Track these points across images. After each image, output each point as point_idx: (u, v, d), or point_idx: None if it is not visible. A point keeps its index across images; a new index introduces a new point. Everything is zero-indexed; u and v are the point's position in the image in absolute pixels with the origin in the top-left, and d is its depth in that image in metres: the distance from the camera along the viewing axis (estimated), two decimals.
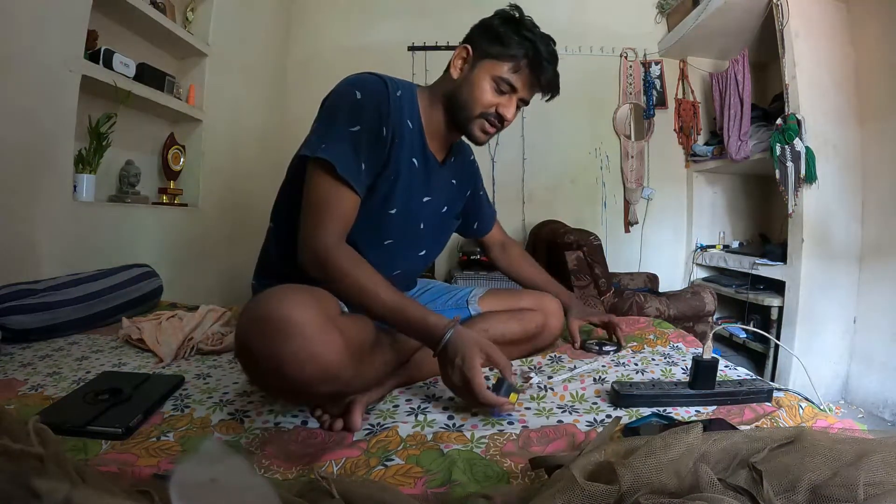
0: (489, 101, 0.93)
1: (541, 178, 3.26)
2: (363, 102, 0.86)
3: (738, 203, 3.30)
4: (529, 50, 0.91)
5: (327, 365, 0.67)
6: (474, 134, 0.96)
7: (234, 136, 2.54)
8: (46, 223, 1.48)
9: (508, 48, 0.91)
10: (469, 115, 0.94)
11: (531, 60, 0.92)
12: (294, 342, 0.65)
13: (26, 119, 1.41)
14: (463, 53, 0.95)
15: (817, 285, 2.24)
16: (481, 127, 0.95)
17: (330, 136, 0.85)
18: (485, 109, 0.93)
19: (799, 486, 0.46)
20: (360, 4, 3.26)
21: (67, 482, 0.34)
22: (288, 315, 0.65)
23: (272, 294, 0.69)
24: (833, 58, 2.29)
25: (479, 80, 0.92)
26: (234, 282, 2.49)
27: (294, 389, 0.70)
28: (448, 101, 0.96)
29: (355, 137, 0.85)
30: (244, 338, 0.68)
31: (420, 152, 0.97)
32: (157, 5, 1.95)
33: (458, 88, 0.94)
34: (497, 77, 0.92)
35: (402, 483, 0.62)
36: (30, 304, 1.15)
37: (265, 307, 0.67)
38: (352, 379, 0.74)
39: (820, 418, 0.78)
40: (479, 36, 0.94)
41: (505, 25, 0.92)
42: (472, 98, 0.93)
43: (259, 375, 0.72)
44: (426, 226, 1.03)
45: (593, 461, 0.49)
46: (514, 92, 0.94)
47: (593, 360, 1.09)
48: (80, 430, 0.71)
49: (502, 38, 0.91)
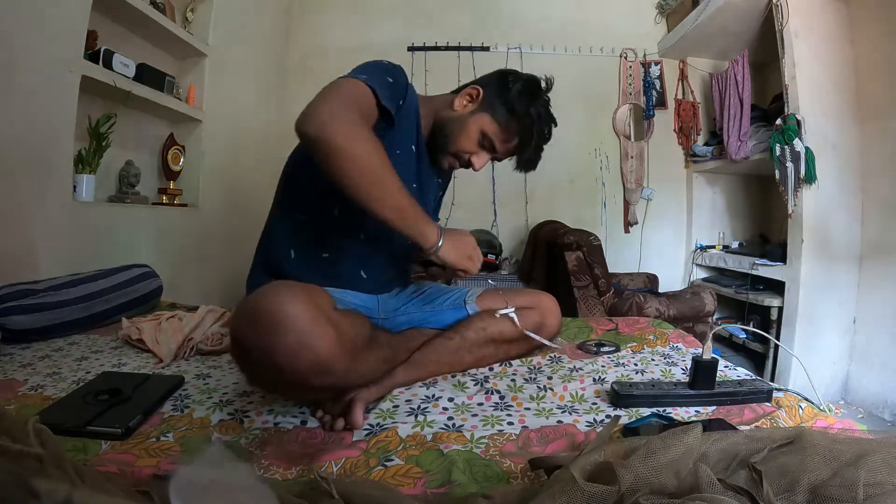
0: (469, 148, 1.00)
1: (541, 178, 3.24)
2: (395, 72, 0.93)
3: (737, 203, 3.30)
4: (527, 131, 0.98)
5: (319, 356, 0.67)
6: (440, 162, 1.03)
7: (234, 136, 2.54)
8: (46, 223, 1.48)
9: (511, 119, 0.97)
10: (445, 148, 1.01)
11: (521, 138, 0.99)
12: (285, 334, 0.65)
13: (26, 119, 1.41)
14: (474, 94, 1.00)
15: (817, 285, 2.24)
16: (450, 162, 1.03)
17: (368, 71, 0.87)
18: (460, 152, 1.00)
19: (799, 487, 0.46)
20: (360, 4, 3.26)
21: (67, 482, 0.34)
22: (279, 307, 0.66)
23: (264, 289, 0.70)
24: (833, 58, 2.29)
25: (471, 125, 0.98)
26: (234, 282, 2.48)
27: (287, 382, 0.70)
28: (437, 124, 1.02)
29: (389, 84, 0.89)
30: (237, 332, 0.69)
31: (416, 142, 1.02)
32: (157, 5, 1.95)
33: (450, 121, 1.00)
34: (486, 133, 0.98)
35: (401, 483, 0.62)
36: (30, 305, 1.15)
37: (256, 301, 0.68)
38: (346, 373, 0.74)
39: (820, 418, 0.78)
40: (495, 89, 0.99)
41: (521, 96, 0.97)
42: (456, 138, 0.99)
43: (253, 369, 0.72)
44: None
45: (593, 461, 0.49)
46: (493, 151, 1.01)
47: (592, 361, 1.09)
48: (80, 431, 0.70)
49: (512, 107, 0.97)
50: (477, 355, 1.02)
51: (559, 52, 3.19)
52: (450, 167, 1.05)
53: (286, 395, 0.83)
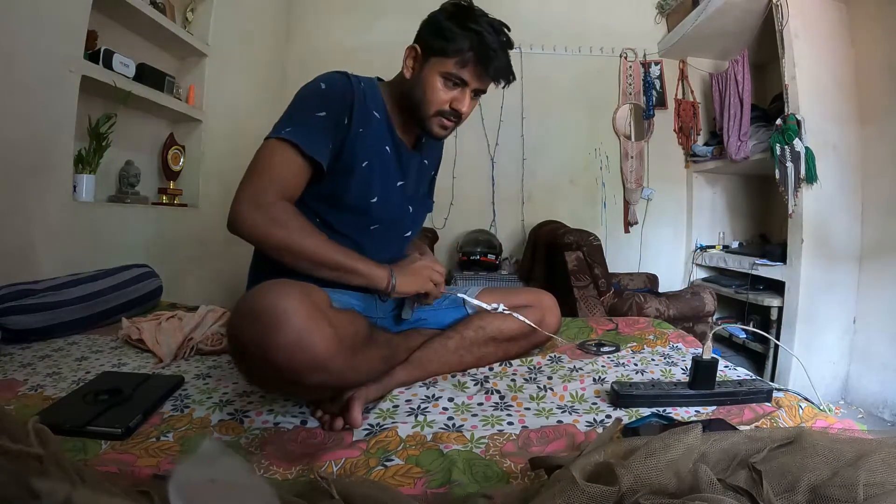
0: (442, 98, 0.94)
1: (540, 178, 3.26)
2: (327, 92, 0.91)
3: (737, 203, 3.30)
4: (474, 41, 0.91)
5: (316, 353, 0.67)
6: (433, 131, 0.98)
7: (234, 136, 2.54)
8: (46, 223, 1.48)
9: (452, 42, 0.91)
10: (425, 114, 0.96)
11: (478, 52, 0.92)
12: (282, 331, 0.65)
13: (26, 119, 1.41)
14: (412, 53, 0.96)
15: (817, 286, 2.24)
16: (439, 124, 0.97)
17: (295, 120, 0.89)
18: (439, 107, 0.95)
19: (799, 487, 0.46)
20: (360, 4, 3.26)
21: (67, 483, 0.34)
22: (275, 304, 0.66)
23: (260, 287, 0.71)
24: (833, 58, 2.29)
25: (429, 78, 0.94)
26: (234, 282, 2.48)
27: (284, 380, 0.70)
28: (404, 99, 0.99)
29: (321, 121, 0.89)
30: (234, 330, 0.69)
31: (390, 140, 1.00)
32: (157, 5, 1.95)
33: (412, 88, 0.96)
34: (445, 73, 0.93)
35: (401, 483, 0.62)
36: (29, 305, 1.15)
37: (253, 299, 0.68)
38: (344, 371, 0.74)
39: (820, 418, 0.79)
40: (426, 34, 0.95)
41: (449, 20, 0.92)
42: (426, 98, 0.95)
43: (250, 367, 0.72)
44: (413, 208, 1.08)
45: (593, 462, 0.49)
46: (465, 85, 0.94)
47: (592, 361, 1.09)
48: (80, 431, 0.70)
49: (445, 33, 0.92)
50: (477, 354, 1.02)
51: (559, 52, 3.19)
52: (443, 128, 0.98)
53: (284, 392, 0.83)
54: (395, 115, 1.01)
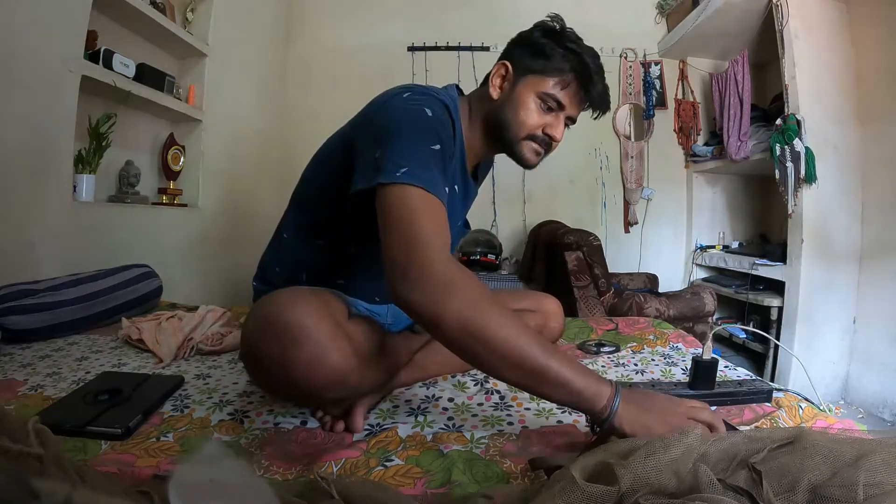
0: (536, 121, 0.85)
1: (541, 178, 3.25)
2: (436, 119, 0.76)
3: (737, 203, 3.30)
4: (576, 63, 0.84)
5: (337, 371, 0.66)
6: (525, 157, 0.88)
7: (234, 136, 2.54)
8: (46, 223, 1.48)
9: (553, 62, 0.84)
10: (516, 136, 0.86)
11: (579, 74, 0.84)
12: (305, 348, 0.64)
13: (26, 119, 1.41)
14: (502, 71, 0.88)
15: (817, 286, 2.24)
16: (531, 149, 0.88)
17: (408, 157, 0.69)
18: (532, 131, 0.86)
19: (798, 487, 0.46)
20: (360, 4, 3.26)
21: (67, 483, 0.34)
22: (299, 320, 0.65)
23: (281, 297, 0.69)
24: (833, 58, 2.29)
25: (523, 98, 0.85)
26: (234, 282, 2.49)
27: (301, 394, 0.70)
28: (490, 122, 0.88)
29: (437, 156, 0.73)
30: (252, 341, 0.67)
31: (461, 172, 0.90)
32: (156, 5, 1.95)
33: (501, 108, 0.86)
34: (543, 94, 0.84)
35: (401, 483, 0.61)
36: (29, 305, 1.15)
37: (275, 311, 0.66)
38: (358, 384, 0.73)
39: (820, 418, 0.78)
40: (520, 51, 0.87)
41: (547, 38, 0.85)
42: (518, 119, 0.85)
43: (266, 380, 0.71)
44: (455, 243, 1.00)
45: (593, 462, 0.49)
46: (561, 109, 0.86)
47: (592, 361, 1.09)
48: (80, 431, 0.70)
49: (546, 51, 0.84)
50: None
51: None
52: (535, 154, 0.89)
53: (294, 402, 0.82)
54: (468, 142, 0.90)
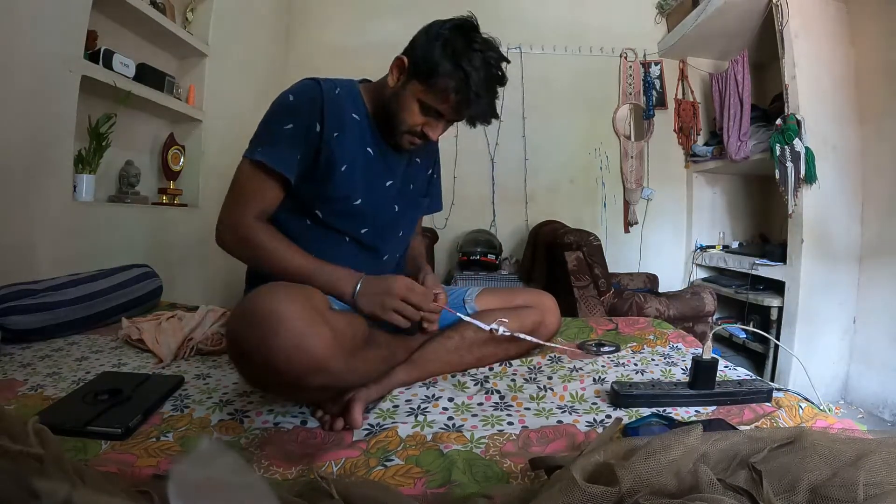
0: (415, 121, 0.94)
1: (541, 178, 3.26)
2: (295, 102, 0.94)
3: (737, 203, 3.30)
4: (461, 84, 0.87)
5: (315, 356, 0.68)
6: (401, 144, 0.99)
7: (234, 137, 2.53)
8: (46, 223, 1.48)
9: (438, 78, 0.88)
10: (395, 128, 0.96)
11: (460, 94, 0.88)
12: (280, 334, 0.66)
13: (26, 119, 1.41)
14: (400, 64, 0.94)
15: (817, 285, 2.24)
16: (408, 140, 0.98)
17: (264, 138, 0.93)
18: (411, 128, 0.95)
19: (799, 487, 0.46)
20: (360, 4, 3.26)
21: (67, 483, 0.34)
22: (275, 308, 0.67)
23: (260, 290, 0.71)
24: (833, 58, 2.29)
25: (407, 99, 0.93)
26: (234, 282, 2.48)
27: (284, 382, 0.70)
28: (382, 106, 0.98)
29: (288, 133, 0.92)
30: (233, 333, 0.70)
31: (372, 141, 1.00)
32: (156, 5, 1.95)
33: (390, 99, 0.95)
34: (424, 102, 0.92)
35: (401, 483, 0.62)
36: (29, 305, 1.15)
37: (252, 303, 0.69)
38: (343, 373, 0.74)
39: (820, 418, 0.79)
40: (418, 52, 0.91)
41: (444, 48, 0.87)
42: (400, 116, 0.94)
43: (249, 370, 0.73)
44: (399, 207, 1.06)
45: (593, 462, 0.49)
46: (441, 117, 0.94)
47: (592, 361, 1.09)
48: (80, 431, 0.71)
49: (436, 65, 0.87)
50: (477, 354, 1.02)
51: (559, 52, 3.19)
52: (411, 145, 0.98)
53: (284, 395, 0.83)
54: (377, 115, 1.00)
